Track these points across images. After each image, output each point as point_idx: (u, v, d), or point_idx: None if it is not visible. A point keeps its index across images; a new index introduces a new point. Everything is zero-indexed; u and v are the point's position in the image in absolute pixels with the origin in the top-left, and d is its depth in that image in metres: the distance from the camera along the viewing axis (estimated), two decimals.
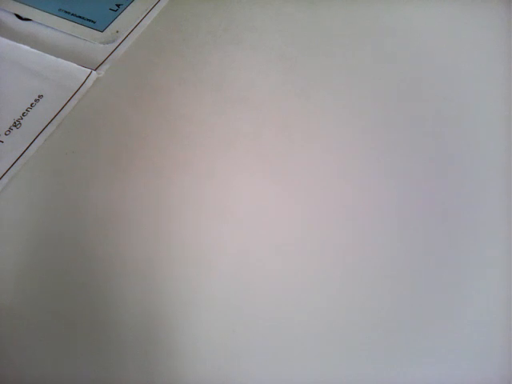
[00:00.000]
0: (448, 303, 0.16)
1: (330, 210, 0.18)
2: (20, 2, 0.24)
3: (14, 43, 0.22)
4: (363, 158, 0.19)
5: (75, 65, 0.22)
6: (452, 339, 0.16)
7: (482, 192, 0.19)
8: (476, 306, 0.16)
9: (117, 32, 0.23)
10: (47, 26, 0.23)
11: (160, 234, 0.17)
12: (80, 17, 0.24)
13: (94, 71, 0.22)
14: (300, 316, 0.16)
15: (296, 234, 0.17)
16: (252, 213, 0.18)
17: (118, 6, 0.24)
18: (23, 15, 0.23)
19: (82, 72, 0.22)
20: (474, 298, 0.16)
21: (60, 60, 0.22)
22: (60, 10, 0.24)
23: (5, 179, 0.18)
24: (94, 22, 0.23)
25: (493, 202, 0.18)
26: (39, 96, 0.21)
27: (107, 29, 0.23)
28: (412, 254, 0.17)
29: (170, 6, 0.25)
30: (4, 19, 0.23)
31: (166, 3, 0.25)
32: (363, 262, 0.17)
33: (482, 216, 0.18)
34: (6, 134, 0.19)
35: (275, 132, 0.20)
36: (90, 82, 0.21)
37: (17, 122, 0.20)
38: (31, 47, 0.22)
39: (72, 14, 0.24)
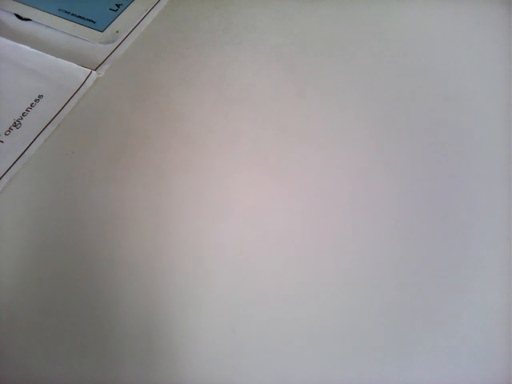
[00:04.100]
0: (448, 303, 0.16)
1: (330, 210, 0.18)
2: (20, 2, 0.24)
3: (14, 43, 0.22)
4: (363, 157, 0.19)
5: (75, 65, 0.22)
6: (452, 339, 0.16)
7: (483, 192, 0.19)
8: (476, 306, 0.16)
9: (117, 32, 0.23)
10: (47, 26, 0.23)
11: (160, 234, 0.17)
12: (80, 17, 0.24)
13: (93, 71, 0.22)
14: (300, 315, 0.16)
15: (296, 234, 0.17)
16: (252, 212, 0.18)
17: (118, 5, 0.24)
18: (23, 15, 0.23)
19: (81, 72, 0.22)
20: (474, 299, 0.16)
21: (60, 60, 0.22)
22: (60, 9, 0.24)
23: (5, 179, 0.18)
24: (94, 22, 0.23)
25: (493, 202, 0.18)
26: (39, 96, 0.21)
27: (107, 29, 0.23)
28: (412, 253, 0.17)
29: (170, 5, 0.25)
30: (4, 19, 0.23)
31: (165, 3, 0.25)
32: (363, 262, 0.17)
33: (482, 216, 0.18)
34: (6, 134, 0.19)
35: (275, 132, 0.20)
36: (90, 82, 0.21)
37: (17, 122, 0.20)
38: (31, 47, 0.22)
39: (72, 14, 0.24)
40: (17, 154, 0.19)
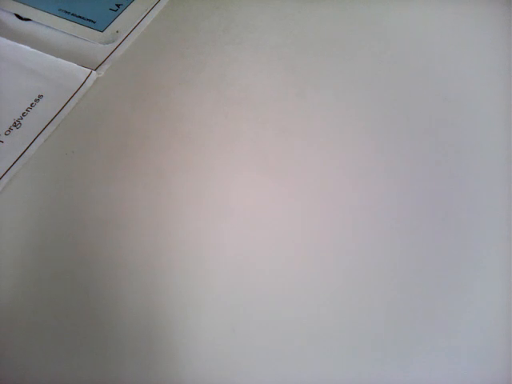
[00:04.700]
0: (448, 303, 0.16)
1: (330, 210, 0.18)
2: (20, 2, 0.24)
3: (14, 43, 0.22)
4: (363, 157, 0.19)
5: (75, 65, 0.22)
6: (452, 339, 0.16)
7: (483, 192, 0.19)
8: (476, 306, 0.16)
9: (117, 32, 0.23)
10: (47, 26, 0.23)
11: (160, 234, 0.17)
12: (80, 17, 0.24)
13: (93, 71, 0.22)
14: (300, 315, 0.16)
15: (296, 234, 0.17)
16: (252, 212, 0.18)
17: (118, 5, 0.24)
18: (23, 15, 0.23)
19: (81, 72, 0.22)
20: (474, 299, 0.16)
21: (60, 60, 0.22)
22: (60, 9, 0.24)
23: (5, 179, 0.18)
24: (94, 22, 0.23)
25: (493, 202, 0.18)
26: (39, 96, 0.21)
27: (107, 29, 0.23)
28: (412, 253, 0.17)
29: (170, 5, 0.25)
30: (4, 19, 0.23)
31: (165, 3, 0.25)
32: (363, 262, 0.17)
33: (482, 216, 0.18)
34: (6, 134, 0.19)
35: (275, 132, 0.20)
36: (90, 82, 0.21)
37: (17, 122, 0.20)
38: (31, 47, 0.22)
39: (72, 14, 0.24)
40: (17, 154, 0.19)
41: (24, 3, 0.24)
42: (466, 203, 0.18)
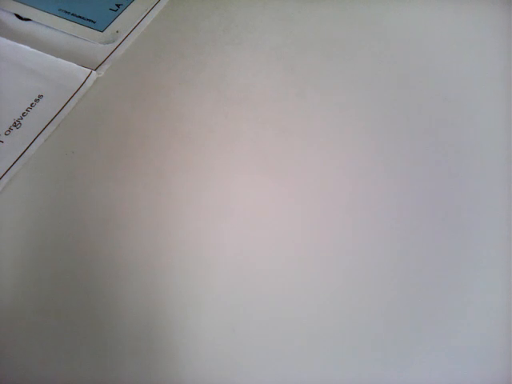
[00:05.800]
0: (448, 303, 0.16)
1: (330, 210, 0.18)
2: (20, 2, 0.24)
3: (14, 43, 0.22)
4: (363, 157, 0.19)
5: (75, 65, 0.22)
6: (452, 339, 0.16)
7: (483, 192, 0.19)
8: (476, 306, 0.16)
9: (117, 32, 0.23)
10: (47, 26, 0.23)
11: (160, 234, 0.17)
12: (80, 17, 0.24)
13: (93, 71, 0.22)
14: (300, 315, 0.16)
15: (296, 234, 0.17)
16: (252, 212, 0.18)
17: (118, 5, 0.24)
18: (23, 15, 0.23)
19: (81, 72, 0.22)
20: (474, 299, 0.16)
21: (60, 60, 0.22)
22: (60, 9, 0.24)
23: (5, 179, 0.18)
24: (94, 22, 0.23)
25: (493, 202, 0.18)
26: (39, 96, 0.21)
27: (107, 29, 0.23)
28: (412, 253, 0.17)
29: (170, 5, 0.25)
30: (4, 19, 0.23)
31: (165, 3, 0.25)
32: (363, 262, 0.17)
33: (482, 216, 0.18)
34: (6, 134, 0.19)
35: (275, 132, 0.20)
36: (90, 82, 0.21)
37: (17, 122, 0.20)
38: (31, 47, 0.22)
39: (72, 14, 0.24)
40: (17, 154, 0.19)
41: (24, 3, 0.24)
42: (466, 203, 0.18)
